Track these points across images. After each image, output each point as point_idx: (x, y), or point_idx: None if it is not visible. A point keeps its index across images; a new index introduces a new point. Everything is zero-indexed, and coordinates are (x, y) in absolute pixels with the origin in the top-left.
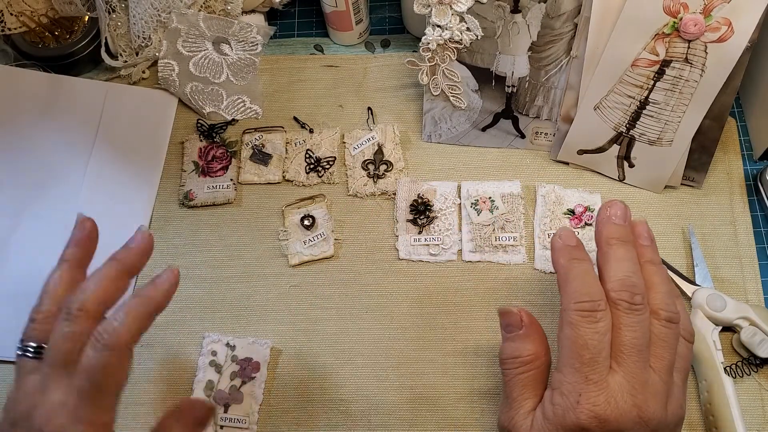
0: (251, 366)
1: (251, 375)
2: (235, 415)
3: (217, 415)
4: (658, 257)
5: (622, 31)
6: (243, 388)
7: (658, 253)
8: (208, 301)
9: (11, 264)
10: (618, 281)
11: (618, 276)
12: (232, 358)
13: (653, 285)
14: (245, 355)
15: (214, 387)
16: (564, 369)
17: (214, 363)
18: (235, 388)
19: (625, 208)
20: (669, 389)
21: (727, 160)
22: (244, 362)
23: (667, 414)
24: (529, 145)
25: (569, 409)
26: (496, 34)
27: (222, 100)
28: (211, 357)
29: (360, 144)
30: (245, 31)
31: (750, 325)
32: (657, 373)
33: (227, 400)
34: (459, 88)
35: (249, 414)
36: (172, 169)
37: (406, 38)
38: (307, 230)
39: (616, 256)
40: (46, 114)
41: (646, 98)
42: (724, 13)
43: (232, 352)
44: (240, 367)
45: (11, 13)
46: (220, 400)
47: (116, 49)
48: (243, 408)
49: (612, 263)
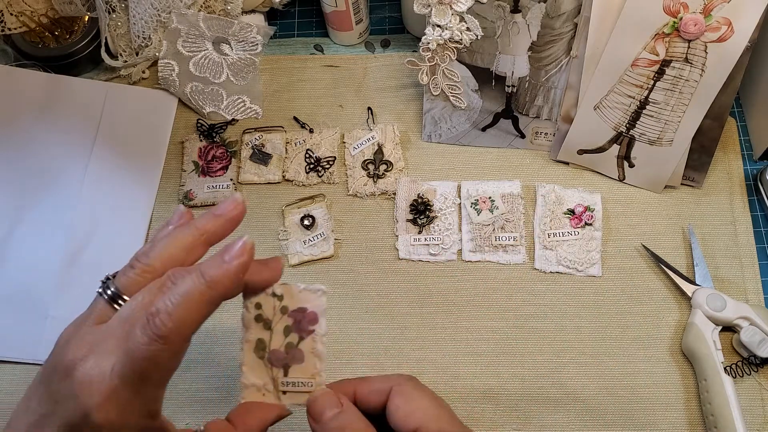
0: (307, 318)
1: (309, 328)
2: (298, 377)
3: (278, 381)
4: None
5: (622, 30)
6: (302, 344)
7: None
8: None
9: (11, 264)
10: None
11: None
12: (281, 309)
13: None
14: (297, 305)
15: (266, 347)
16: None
17: (261, 317)
18: (292, 345)
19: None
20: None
21: (727, 160)
22: (297, 314)
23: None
24: (529, 145)
25: None
26: (496, 34)
27: (222, 100)
28: (256, 311)
29: (360, 144)
30: (245, 31)
31: (750, 325)
32: None
33: (285, 360)
34: (459, 88)
35: (314, 375)
36: (172, 169)
37: (406, 38)
38: (307, 230)
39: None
40: (46, 114)
41: (646, 98)
42: (724, 13)
43: (280, 303)
44: (293, 320)
45: (11, 13)
46: (276, 362)
47: (116, 49)
48: (306, 368)
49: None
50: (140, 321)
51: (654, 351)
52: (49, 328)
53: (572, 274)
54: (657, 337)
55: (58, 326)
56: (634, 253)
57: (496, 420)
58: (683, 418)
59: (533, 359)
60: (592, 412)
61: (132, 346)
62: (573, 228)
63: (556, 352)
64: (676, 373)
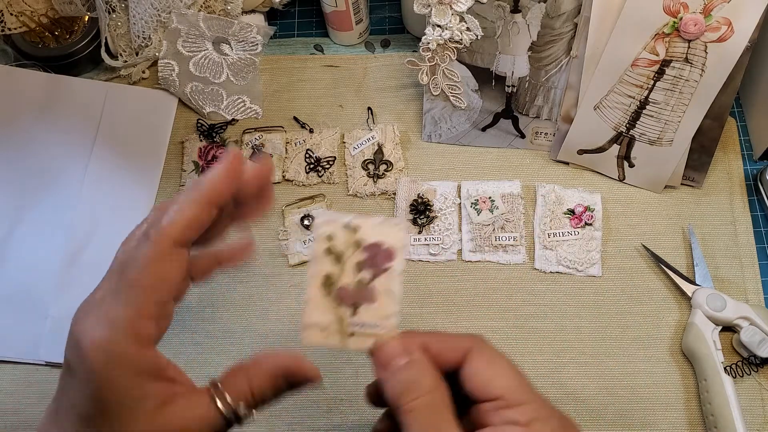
0: (382, 253)
1: (384, 265)
2: (368, 318)
3: (345, 321)
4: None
5: (622, 30)
6: (375, 282)
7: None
8: (208, 302)
9: (11, 264)
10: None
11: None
12: (355, 243)
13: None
14: (372, 239)
15: (335, 283)
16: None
17: (332, 251)
18: (364, 282)
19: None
20: None
21: (727, 160)
22: (372, 249)
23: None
24: (529, 145)
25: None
26: (496, 33)
27: (222, 100)
28: (327, 243)
29: (360, 144)
30: (245, 31)
31: (750, 325)
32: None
33: (355, 299)
34: (459, 88)
35: (386, 317)
36: (172, 169)
37: (406, 38)
38: (307, 230)
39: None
40: (46, 114)
41: (646, 98)
42: (724, 13)
43: (354, 236)
44: (367, 255)
45: (11, 13)
46: (344, 300)
47: (116, 49)
48: (377, 309)
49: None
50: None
51: (654, 351)
52: (49, 328)
53: (572, 274)
54: (657, 337)
55: (58, 326)
56: (634, 253)
57: None
58: (683, 418)
59: (533, 359)
60: (592, 412)
61: (118, 255)
62: (573, 228)
63: (556, 352)
64: (676, 373)
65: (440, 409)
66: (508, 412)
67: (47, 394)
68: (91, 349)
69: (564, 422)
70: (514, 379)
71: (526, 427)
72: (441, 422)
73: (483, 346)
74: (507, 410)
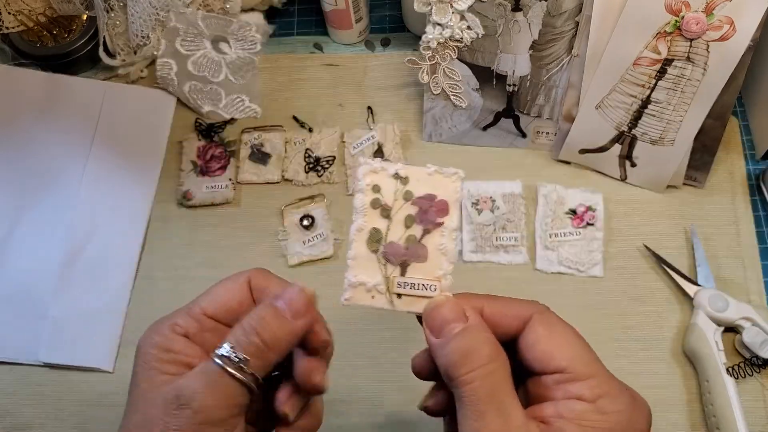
0: (435, 207)
1: (436, 220)
2: (418, 278)
3: (393, 281)
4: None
5: (623, 29)
6: (426, 239)
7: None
8: None
9: (10, 264)
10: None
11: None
12: (404, 195)
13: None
14: (425, 190)
15: (382, 238)
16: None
17: (379, 203)
18: (414, 239)
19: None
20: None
21: (730, 160)
22: (424, 201)
23: None
24: (531, 145)
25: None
26: (497, 32)
27: (221, 99)
28: (373, 194)
29: (360, 143)
30: (244, 29)
31: (752, 326)
32: None
33: (404, 257)
34: (460, 87)
35: (439, 277)
36: (171, 169)
37: (407, 37)
38: (307, 230)
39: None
40: (44, 113)
41: (648, 97)
42: (726, 12)
43: (404, 187)
44: (419, 209)
45: (9, 11)
46: (393, 258)
47: (114, 48)
48: (428, 268)
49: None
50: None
51: (656, 352)
52: (48, 328)
53: (574, 275)
54: (659, 337)
55: (57, 327)
56: (636, 253)
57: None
58: (685, 419)
59: None
60: None
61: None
62: (574, 228)
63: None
64: (678, 373)
65: (502, 381)
66: (572, 385)
67: (45, 395)
68: (140, 337)
69: (635, 402)
70: (581, 350)
71: (593, 403)
72: (503, 396)
73: (546, 314)
74: (571, 384)
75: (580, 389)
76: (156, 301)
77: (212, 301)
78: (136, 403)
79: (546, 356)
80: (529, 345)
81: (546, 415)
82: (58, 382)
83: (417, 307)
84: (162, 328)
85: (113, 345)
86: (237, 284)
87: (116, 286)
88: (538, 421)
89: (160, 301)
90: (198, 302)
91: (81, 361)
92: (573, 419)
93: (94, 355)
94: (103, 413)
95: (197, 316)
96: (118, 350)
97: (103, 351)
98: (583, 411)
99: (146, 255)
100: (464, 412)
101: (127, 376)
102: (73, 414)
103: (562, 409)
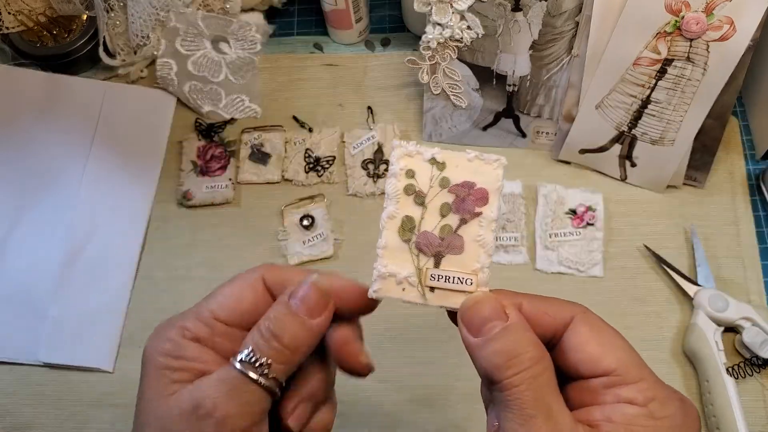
0: (474, 195)
1: (475, 209)
2: (453, 271)
3: (426, 273)
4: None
5: (623, 29)
6: (463, 229)
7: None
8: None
9: (10, 264)
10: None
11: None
12: (440, 181)
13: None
14: (463, 177)
15: (416, 227)
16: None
17: (413, 189)
18: (450, 229)
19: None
20: None
21: (730, 160)
22: (461, 189)
23: None
24: (531, 145)
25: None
26: (497, 32)
27: (221, 99)
28: (407, 180)
29: (360, 143)
30: (244, 29)
31: (752, 326)
32: None
33: (438, 248)
34: (459, 87)
35: (476, 271)
36: (171, 169)
37: (407, 37)
38: (307, 230)
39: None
40: (44, 113)
41: (647, 97)
42: (726, 12)
43: (440, 173)
44: (455, 197)
45: (9, 11)
46: (426, 249)
47: (114, 48)
48: (465, 261)
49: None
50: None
51: (656, 352)
52: (47, 328)
53: (574, 275)
54: (659, 337)
55: (57, 327)
56: (636, 253)
57: None
58: None
59: None
60: None
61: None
62: (575, 228)
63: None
64: (678, 374)
65: (548, 384)
66: (622, 389)
67: (45, 395)
68: (146, 342)
69: (684, 405)
70: (629, 352)
71: (644, 407)
72: (551, 400)
73: (588, 314)
74: (621, 388)
75: (630, 393)
76: (156, 301)
77: (222, 305)
78: (147, 415)
79: (594, 359)
80: (574, 347)
81: (594, 419)
82: (58, 382)
83: (451, 302)
84: (170, 332)
85: (113, 345)
86: (248, 284)
87: (116, 286)
88: (585, 425)
89: (160, 301)
90: (206, 305)
91: (81, 361)
92: (624, 424)
93: (94, 355)
94: (103, 413)
95: (207, 320)
96: (118, 350)
97: (103, 351)
98: (634, 415)
99: (146, 255)
100: (508, 416)
101: (127, 376)
102: (73, 414)
103: (611, 414)
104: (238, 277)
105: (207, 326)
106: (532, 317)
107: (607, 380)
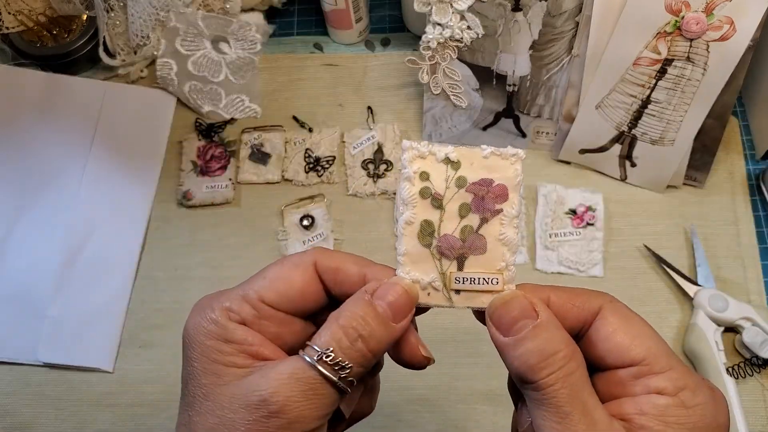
0: (493, 192)
1: (495, 207)
2: (478, 272)
3: (450, 277)
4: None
5: (623, 29)
6: (484, 229)
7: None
8: None
9: (9, 264)
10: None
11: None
12: (457, 181)
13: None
14: (480, 175)
15: (435, 231)
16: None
17: (429, 192)
18: (471, 230)
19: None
20: None
21: (730, 160)
22: (479, 187)
23: None
24: (531, 145)
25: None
26: (497, 32)
27: (221, 99)
28: (422, 183)
29: (360, 143)
30: (244, 29)
31: (752, 326)
32: None
33: (460, 250)
34: (459, 87)
35: (501, 270)
36: (171, 169)
37: (407, 37)
38: (307, 230)
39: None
40: (44, 113)
41: (648, 97)
42: (726, 12)
43: (456, 173)
44: (474, 196)
45: (9, 11)
46: (448, 252)
47: (114, 48)
48: (489, 261)
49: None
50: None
51: None
52: (47, 328)
53: (574, 275)
54: None
55: (56, 327)
56: (636, 253)
57: (497, 422)
58: None
59: None
60: None
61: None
62: (575, 228)
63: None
64: None
65: (582, 380)
66: (651, 379)
67: (45, 395)
68: (186, 323)
69: (714, 394)
70: (657, 341)
71: (675, 396)
72: (585, 396)
73: (615, 303)
74: (650, 377)
75: (660, 382)
76: (156, 301)
77: (271, 287)
78: (202, 403)
79: (622, 348)
80: (602, 337)
81: (626, 412)
82: (58, 382)
83: (478, 302)
84: (212, 314)
85: (113, 345)
86: (300, 269)
87: (116, 286)
88: (618, 419)
89: (160, 301)
90: (252, 286)
91: (81, 361)
92: (656, 415)
93: (94, 355)
94: (103, 413)
95: (253, 302)
96: (118, 350)
97: (103, 351)
98: (666, 406)
99: (146, 255)
100: (544, 414)
101: (127, 376)
102: (73, 414)
103: (643, 405)
104: (286, 259)
105: (253, 308)
106: (560, 310)
107: (636, 370)
